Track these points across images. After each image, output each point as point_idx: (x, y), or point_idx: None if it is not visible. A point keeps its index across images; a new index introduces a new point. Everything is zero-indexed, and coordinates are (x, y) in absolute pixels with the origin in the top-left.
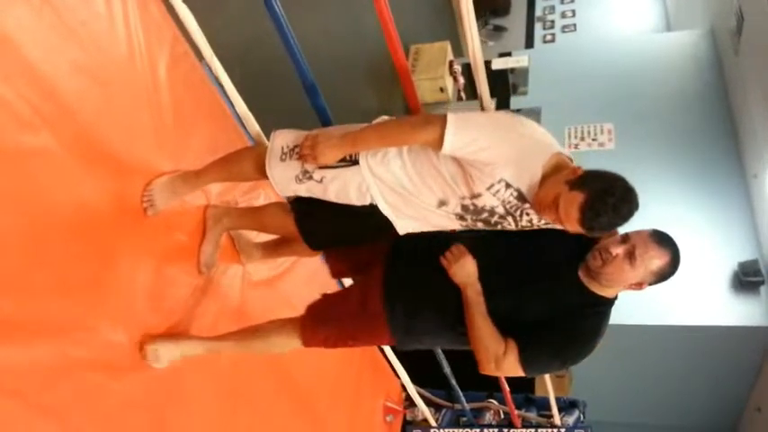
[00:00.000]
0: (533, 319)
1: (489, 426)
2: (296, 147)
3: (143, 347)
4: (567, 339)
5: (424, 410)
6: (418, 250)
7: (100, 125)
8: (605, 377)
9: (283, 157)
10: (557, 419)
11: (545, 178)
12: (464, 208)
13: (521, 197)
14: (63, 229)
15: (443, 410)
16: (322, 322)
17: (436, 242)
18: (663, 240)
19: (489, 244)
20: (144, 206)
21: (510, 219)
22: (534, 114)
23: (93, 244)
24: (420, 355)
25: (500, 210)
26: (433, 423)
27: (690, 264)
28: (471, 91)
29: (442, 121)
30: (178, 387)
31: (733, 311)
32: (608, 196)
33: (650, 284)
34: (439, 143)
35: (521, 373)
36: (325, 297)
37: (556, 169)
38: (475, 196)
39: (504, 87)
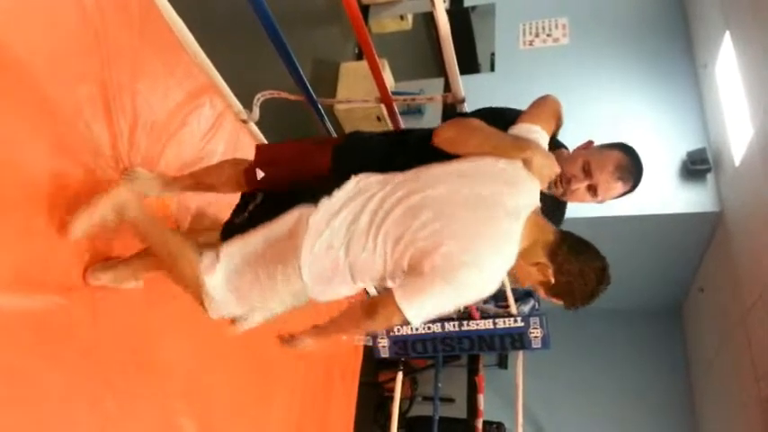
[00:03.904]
0: None
1: (450, 319)
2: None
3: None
4: None
5: None
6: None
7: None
8: None
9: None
10: (513, 309)
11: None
12: None
13: None
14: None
15: None
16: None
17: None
18: (626, 173)
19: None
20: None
21: None
22: (489, 12)
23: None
24: None
25: None
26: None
27: (641, 154)
28: None
29: (393, 305)
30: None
31: (681, 199)
32: (586, 301)
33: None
34: (405, 321)
35: None
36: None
37: (526, 251)
38: None
39: None
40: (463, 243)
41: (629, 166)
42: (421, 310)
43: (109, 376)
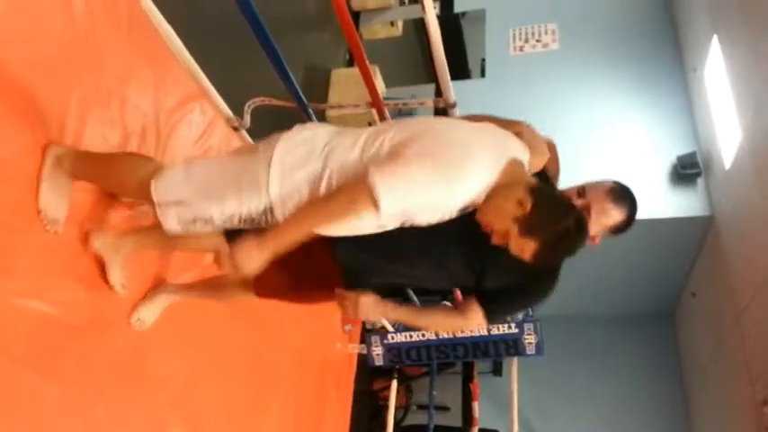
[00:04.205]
0: (494, 287)
1: None
2: (196, 220)
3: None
4: (529, 295)
5: None
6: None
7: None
8: None
9: (179, 222)
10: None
11: (491, 191)
12: (401, 224)
13: (463, 210)
14: None
15: None
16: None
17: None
18: (619, 197)
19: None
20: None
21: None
22: (479, 17)
23: None
24: None
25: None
26: (390, 329)
27: (631, 159)
28: None
29: (369, 190)
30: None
31: (672, 203)
32: (560, 243)
33: (604, 238)
34: (375, 210)
35: (485, 327)
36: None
37: (502, 186)
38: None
39: None
40: (441, 139)
41: (623, 192)
42: (390, 190)
43: (101, 386)
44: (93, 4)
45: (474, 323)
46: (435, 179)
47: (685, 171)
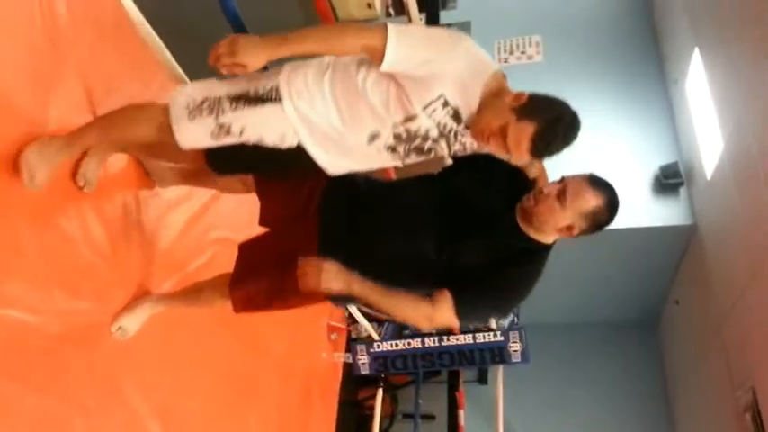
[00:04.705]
0: (469, 267)
1: (430, 334)
2: (205, 100)
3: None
4: (502, 291)
5: (366, 326)
6: (352, 207)
7: None
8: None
9: (191, 115)
10: (493, 324)
11: (484, 102)
12: (396, 137)
13: (456, 116)
14: None
15: (386, 324)
16: (248, 277)
17: (371, 196)
18: (597, 184)
19: (422, 192)
20: (24, 179)
21: (443, 143)
22: (464, 29)
23: None
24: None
25: (434, 133)
26: (376, 337)
27: (614, 169)
28: (400, 6)
29: (383, 32)
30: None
31: (655, 212)
32: (558, 125)
33: (583, 231)
34: (379, 55)
35: (456, 324)
36: (254, 251)
37: (496, 93)
38: (409, 119)
39: (434, 1)
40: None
41: (601, 181)
42: (400, 33)
43: (80, 396)
44: (75, 7)
45: (442, 313)
46: (437, 40)
47: (668, 181)
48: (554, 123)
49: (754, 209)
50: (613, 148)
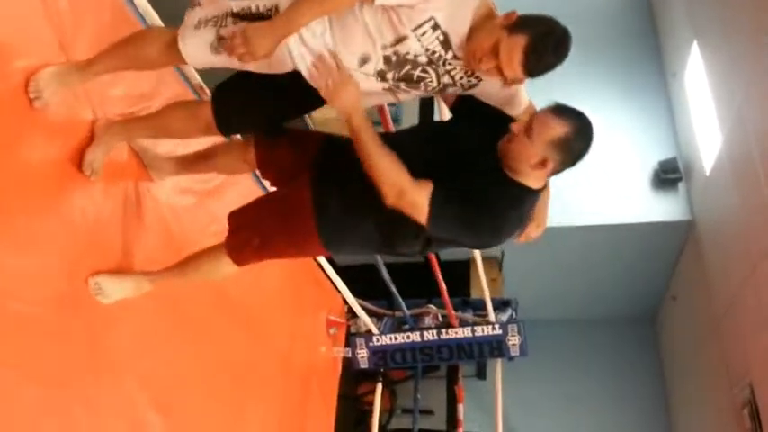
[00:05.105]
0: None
1: (429, 328)
2: (215, 18)
3: (87, 280)
4: (478, 207)
5: (366, 320)
6: (348, 162)
7: None
8: (534, 277)
9: (198, 25)
10: (491, 317)
11: (475, 25)
12: (386, 60)
13: (446, 43)
14: None
15: (385, 319)
16: (244, 227)
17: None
18: (562, 112)
19: (417, 143)
20: (30, 97)
21: (432, 72)
22: None
23: None
24: (360, 268)
25: (422, 59)
26: (375, 331)
27: (613, 164)
28: None
29: None
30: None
31: (653, 208)
32: (549, 37)
33: (560, 164)
34: None
35: (423, 213)
36: (246, 205)
37: (486, 18)
38: (399, 40)
39: None
40: None
41: (569, 109)
42: None
43: (80, 386)
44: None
45: (418, 194)
46: None
47: (666, 176)
48: (545, 36)
49: (753, 204)
50: (612, 143)
